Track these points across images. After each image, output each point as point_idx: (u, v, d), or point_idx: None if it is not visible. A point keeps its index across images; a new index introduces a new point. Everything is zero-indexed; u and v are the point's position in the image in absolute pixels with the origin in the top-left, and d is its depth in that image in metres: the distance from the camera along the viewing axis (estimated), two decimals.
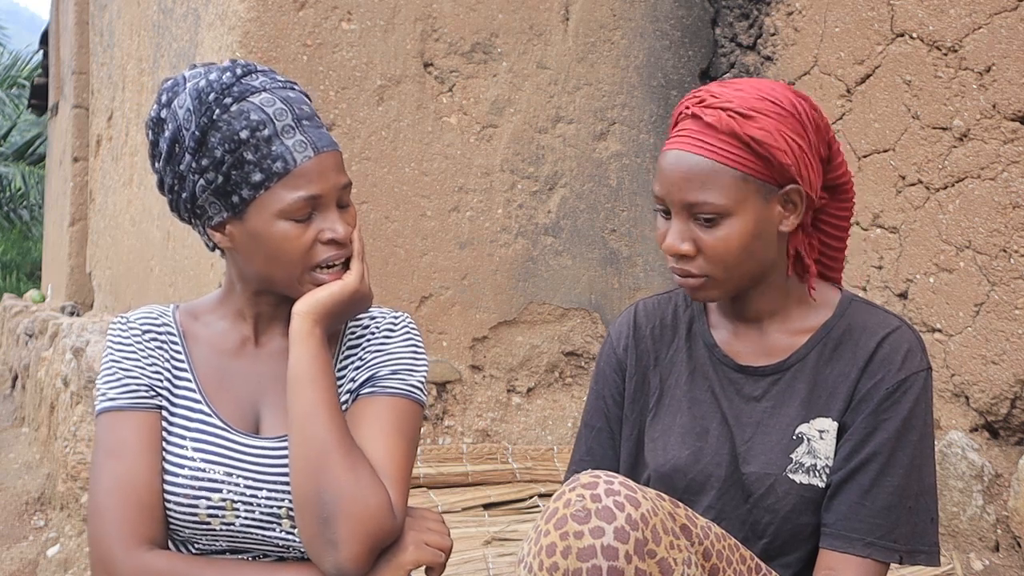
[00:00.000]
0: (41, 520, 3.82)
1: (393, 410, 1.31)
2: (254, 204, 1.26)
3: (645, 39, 3.46)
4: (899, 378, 1.28)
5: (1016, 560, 2.39)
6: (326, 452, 1.21)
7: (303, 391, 1.24)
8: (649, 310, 1.50)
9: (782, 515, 1.30)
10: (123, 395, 1.32)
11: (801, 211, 1.31)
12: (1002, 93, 2.51)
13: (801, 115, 1.28)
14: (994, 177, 2.53)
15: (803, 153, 1.27)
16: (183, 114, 1.27)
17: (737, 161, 1.25)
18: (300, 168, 1.26)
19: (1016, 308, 2.47)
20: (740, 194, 1.25)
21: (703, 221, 1.27)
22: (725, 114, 1.26)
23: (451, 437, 3.18)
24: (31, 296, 9.19)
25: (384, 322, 1.40)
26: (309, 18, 3.05)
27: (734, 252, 1.27)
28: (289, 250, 1.27)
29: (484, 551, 2.43)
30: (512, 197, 3.30)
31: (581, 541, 1.05)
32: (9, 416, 6.11)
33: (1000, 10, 2.52)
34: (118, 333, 1.38)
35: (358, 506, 1.18)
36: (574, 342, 3.38)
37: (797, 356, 1.34)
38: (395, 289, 3.16)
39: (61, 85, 7.69)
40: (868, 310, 1.36)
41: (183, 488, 1.28)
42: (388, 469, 1.25)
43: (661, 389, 1.44)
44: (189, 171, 1.28)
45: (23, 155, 16.68)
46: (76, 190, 6.71)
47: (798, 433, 1.31)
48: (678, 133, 1.31)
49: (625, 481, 1.10)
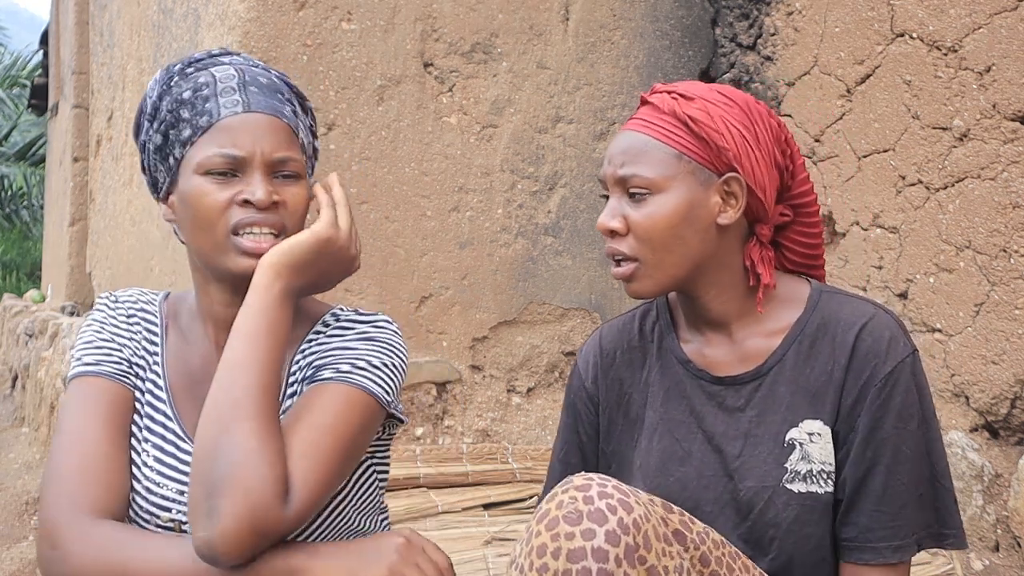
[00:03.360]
0: None
1: (333, 397, 1.16)
2: (183, 163, 1.20)
3: (645, 39, 3.46)
4: (886, 371, 1.23)
5: (1016, 560, 2.39)
6: (236, 412, 1.08)
7: (236, 343, 1.12)
8: (614, 334, 1.44)
9: (785, 528, 1.25)
10: (101, 362, 1.25)
11: (741, 205, 1.26)
12: (1002, 93, 2.51)
13: (752, 112, 1.27)
14: (994, 177, 2.53)
15: (746, 144, 1.25)
16: (150, 85, 1.27)
17: (672, 138, 1.25)
18: (222, 122, 1.18)
19: (1016, 308, 2.47)
20: (671, 171, 1.24)
21: (635, 198, 1.25)
22: (669, 95, 1.27)
23: (451, 437, 3.18)
24: (31, 296, 9.18)
25: (349, 320, 1.28)
26: (309, 18, 3.05)
27: (660, 230, 1.24)
28: (205, 208, 1.17)
29: (484, 551, 2.43)
30: (512, 197, 3.30)
31: (572, 542, 1.03)
32: (9, 416, 6.11)
33: (1000, 10, 2.52)
34: (104, 308, 1.32)
35: (251, 478, 1.03)
36: (574, 342, 3.38)
37: (774, 359, 1.30)
38: (395, 289, 3.16)
39: (61, 85, 7.69)
40: (839, 300, 1.30)
41: (138, 500, 1.21)
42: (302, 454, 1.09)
43: (640, 416, 1.38)
44: (147, 139, 1.25)
45: (24, 156, 16.68)
46: (76, 190, 6.70)
47: (789, 440, 1.26)
48: (629, 119, 1.33)
49: (619, 485, 1.09)
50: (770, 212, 1.30)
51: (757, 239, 1.32)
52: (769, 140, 1.28)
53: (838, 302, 1.30)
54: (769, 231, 1.32)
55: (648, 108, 1.30)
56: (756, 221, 1.31)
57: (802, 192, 1.34)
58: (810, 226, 1.36)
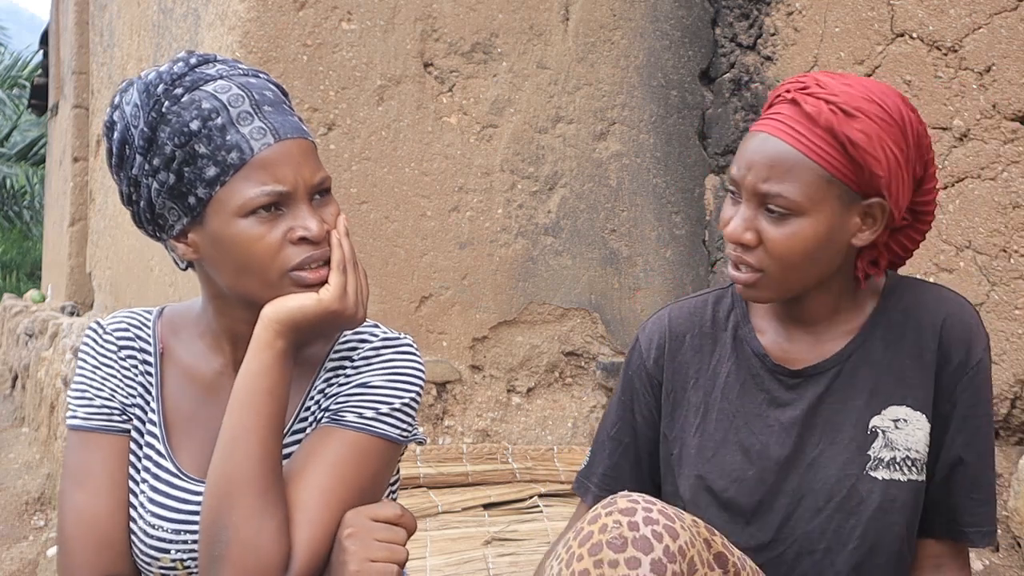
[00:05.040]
0: (41, 520, 3.82)
1: (343, 446, 1.15)
2: (212, 204, 1.11)
3: (645, 39, 3.46)
4: (977, 356, 1.22)
5: (1016, 560, 2.39)
6: (237, 488, 1.08)
7: (236, 411, 1.11)
8: (684, 316, 1.38)
9: (868, 516, 1.22)
10: (93, 415, 1.23)
11: (879, 228, 1.21)
12: (1002, 93, 2.51)
13: (906, 127, 1.18)
14: (994, 177, 2.53)
15: (898, 167, 1.17)
16: (131, 111, 1.14)
17: (827, 159, 1.15)
18: (258, 157, 1.10)
19: (1016, 308, 2.47)
20: (819, 194, 1.16)
21: (773, 213, 1.17)
22: (827, 106, 1.16)
23: (451, 437, 3.18)
24: (31, 296, 9.18)
25: (368, 347, 1.23)
26: (309, 18, 3.05)
27: (797, 253, 1.18)
28: (256, 253, 1.11)
29: (484, 551, 2.43)
30: (512, 197, 3.30)
31: (616, 571, 1.00)
32: (9, 416, 6.11)
33: (1000, 10, 2.52)
34: (92, 345, 1.27)
35: (249, 557, 1.05)
36: (574, 342, 3.38)
37: (854, 344, 1.26)
38: (395, 289, 3.16)
39: (61, 85, 7.69)
40: (919, 288, 1.28)
41: (137, 544, 1.21)
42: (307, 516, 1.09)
43: (706, 404, 1.34)
44: (142, 174, 1.14)
45: (25, 156, 16.69)
46: (76, 190, 6.70)
47: (872, 427, 1.23)
48: (771, 116, 1.21)
49: (663, 509, 1.06)
50: (897, 222, 1.26)
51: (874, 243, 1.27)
52: (916, 158, 1.21)
53: (919, 290, 1.28)
54: (887, 236, 1.28)
55: (798, 114, 1.18)
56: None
57: (927, 200, 1.28)
58: (920, 232, 1.31)
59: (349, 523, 1.10)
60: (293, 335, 1.13)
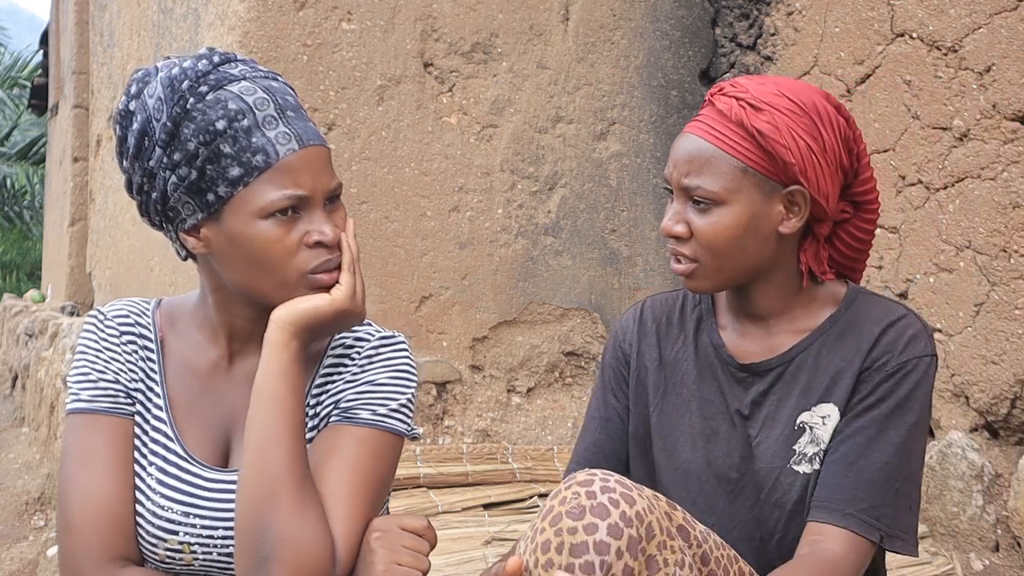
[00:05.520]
0: (41, 520, 3.82)
1: (361, 443, 1.19)
2: (231, 202, 1.14)
3: (645, 39, 3.46)
4: (901, 360, 1.26)
5: (1016, 560, 2.39)
6: (276, 486, 1.10)
7: (263, 412, 1.13)
8: (656, 306, 1.49)
9: (789, 508, 1.29)
10: (98, 397, 1.23)
11: (804, 215, 1.28)
12: (1002, 93, 2.51)
13: (821, 118, 1.26)
14: (994, 177, 2.53)
15: (812, 155, 1.25)
16: (153, 104, 1.15)
17: (738, 151, 1.25)
18: (283, 162, 1.13)
19: (1016, 308, 2.47)
20: (736, 184, 1.25)
21: (699, 205, 1.27)
22: (737, 103, 1.26)
23: (451, 437, 3.18)
24: (31, 296, 9.18)
25: (368, 345, 1.27)
26: (309, 18, 3.05)
27: (723, 240, 1.27)
28: (273, 255, 1.15)
29: (484, 551, 2.43)
30: (512, 197, 3.30)
31: (575, 537, 1.04)
32: (9, 416, 6.11)
33: (1000, 10, 2.52)
34: (94, 331, 1.28)
35: (299, 553, 1.08)
36: (574, 342, 3.38)
37: (799, 347, 1.33)
38: (395, 289, 3.16)
39: (61, 85, 7.69)
40: (873, 300, 1.34)
41: (144, 525, 1.21)
42: (342, 511, 1.13)
43: (665, 386, 1.43)
44: (160, 167, 1.15)
45: (26, 155, 16.69)
46: (76, 190, 6.70)
47: (800, 423, 1.30)
48: (695, 118, 1.33)
49: (621, 480, 1.10)
50: (831, 213, 1.32)
51: (814, 237, 1.34)
52: (836, 145, 1.28)
53: (871, 301, 1.34)
54: (828, 229, 1.34)
55: (714, 112, 1.29)
56: (815, 220, 1.33)
57: (865, 190, 1.35)
58: (867, 222, 1.38)
59: (378, 527, 1.14)
60: (307, 335, 1.17)
